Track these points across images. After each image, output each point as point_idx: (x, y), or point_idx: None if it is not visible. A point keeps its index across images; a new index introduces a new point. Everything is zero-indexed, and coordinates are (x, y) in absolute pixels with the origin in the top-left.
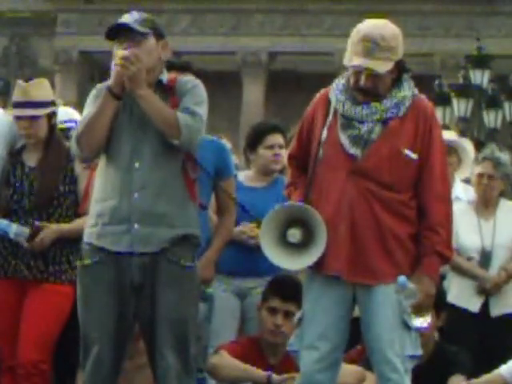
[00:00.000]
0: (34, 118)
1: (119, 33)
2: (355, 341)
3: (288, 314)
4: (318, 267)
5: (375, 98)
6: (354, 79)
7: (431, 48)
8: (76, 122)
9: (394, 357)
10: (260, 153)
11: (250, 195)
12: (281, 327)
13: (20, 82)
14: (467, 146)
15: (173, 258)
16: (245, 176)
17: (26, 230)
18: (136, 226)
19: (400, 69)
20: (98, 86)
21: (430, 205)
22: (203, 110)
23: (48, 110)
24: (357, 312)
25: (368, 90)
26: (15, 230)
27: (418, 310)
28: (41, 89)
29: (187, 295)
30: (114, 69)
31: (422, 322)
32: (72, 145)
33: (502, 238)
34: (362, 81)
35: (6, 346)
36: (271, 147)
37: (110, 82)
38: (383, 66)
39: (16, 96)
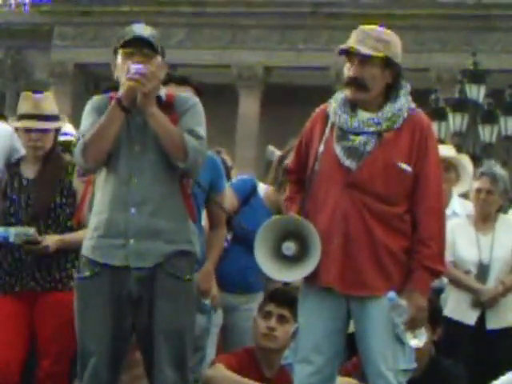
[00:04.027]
0: (44, 131)
1: (132, 43)
2: (351, 353)
3: (282, 319)
4: (311, 279)
5: (364, 90)
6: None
7: (427, 63)
8: (70, 134)
9: (387, 370)
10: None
11: (265, 215)
12: (274, 330)
13: (29, 93)
14: (466, 162)
15: (170, 270)
16: (266, 194)
17: (28, 229)
18: (132, 241)
19: (396, 76)
20: (96, 98)
21: (422, 218)
22: (204, 131)
23: (57, 125)
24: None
25: (355, 80)
26: (14, 232)
27: (412, 326)
28: (50, 103)
29: (185, 308)
30: (128, 83)
31: (417, 343)
32: (76, 155)
33: (499, 251)
34: (350, 70)
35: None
36: None
37: (120, 94)
38: (369, 51)
39: (26, 108)
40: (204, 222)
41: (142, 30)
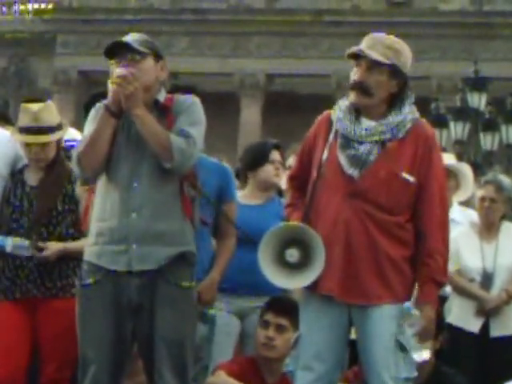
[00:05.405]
0: (45, 143)
1: (118, 51)
2: (352, 361)
3: (280, 328)
4: (312, 286)
5: (367, 95)
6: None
7: (428, 71)
8: (68, 140)
9: (388, 379)
10: (263, 168)
11: (246, 213)
12: (272, 340)
13: (27, 106)
14: (466, 170)
15: (171, 278)
16: (240, 196)
17: (25, 242)
18: (134, 245)
19: (402, 85)
20: (98, 105)
21: (429, 231)
22: (198, 131)
23: (58, 135)
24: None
25: (360, 84)
26: (13, 243)
27: (424, 337)
28: (50, 113)
29: (185, 315)
30: (111, 87)
31: (423, 355)
32: (73, 165)
33: (503, 259)
34: (356, 74)
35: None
36: (273, 162)
37: (107, 100)
38: (377, 56)
39: (25, 121)
40: None
41: (125, 37)
